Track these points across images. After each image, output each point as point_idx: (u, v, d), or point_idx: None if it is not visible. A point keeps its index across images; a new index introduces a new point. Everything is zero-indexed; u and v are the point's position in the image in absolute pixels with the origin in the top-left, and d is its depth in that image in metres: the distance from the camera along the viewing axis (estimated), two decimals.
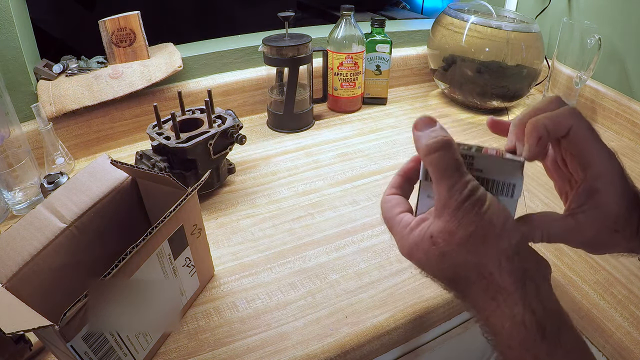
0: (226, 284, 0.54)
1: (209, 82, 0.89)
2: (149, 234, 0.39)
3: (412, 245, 0.29)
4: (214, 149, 0.64)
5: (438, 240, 0.27)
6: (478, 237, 0.26)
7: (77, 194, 0.46)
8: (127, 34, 0.80)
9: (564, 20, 0.92)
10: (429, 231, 0.28)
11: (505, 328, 0.26)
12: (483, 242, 0.26)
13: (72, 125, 0.77)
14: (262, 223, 0.64)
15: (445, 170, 0.27)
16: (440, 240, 0.27)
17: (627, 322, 0.50)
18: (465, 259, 0.27)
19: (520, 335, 0.25)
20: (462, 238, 0.27)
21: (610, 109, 0.91)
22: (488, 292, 0.27)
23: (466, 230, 0.26)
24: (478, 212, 0.26)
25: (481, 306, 0.27)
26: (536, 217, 0.30)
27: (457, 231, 0.27)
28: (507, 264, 0.26)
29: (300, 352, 0.46)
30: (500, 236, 0.27)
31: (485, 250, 0.26)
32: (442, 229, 0.27)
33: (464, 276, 0.28)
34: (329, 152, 0.82)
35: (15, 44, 0.71)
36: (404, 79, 1.12)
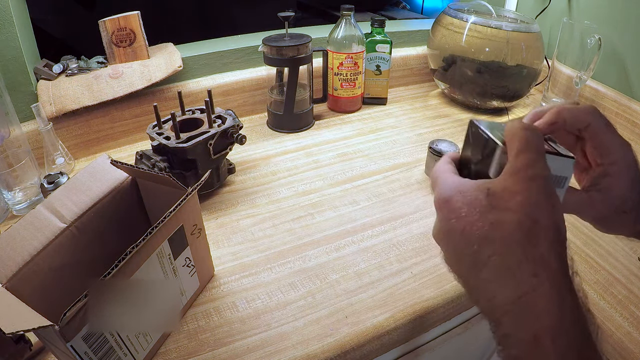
0: (226, 284, 0.54)
1: (209, 82, 0.89)
2: (149, 234, 0.39)
3: (456, 190, 0.28)
4: (214, 149, 0.64)
5: (496, 194, 0.26)
6: (541, 207, 0.25)
7: (77, 194, 0.46)
8: (127, 34, 0.80)
9: (564, 20, 0.92)
10: (487, 185, 0.27)
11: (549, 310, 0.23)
12: (544, 216, 0.25)
13: (72, 125, 0.77)
14: (262, 223, 0.64)
15: (533, 145, 0.27)
16: (497, 195, 0.26)
17: (627, 322, 0.50)
18: (518, 219, 0.25)
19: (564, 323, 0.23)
20: (524, 201, 0.25)
21: (610, 109, 0.91)
22: (530, 264, 0.24)
23: (531, 197, 0.25)
24: (550, 193, 0.26)
25: (516, 280, 0.24)
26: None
27: (521, 193, 0.25)
28: (558, 246, 0.25)
29: (300, 352, 0.46)
30: (559, 220, 0.26)
31: (541, 223, 0.25)
32: (504, 187, 0.26)
33: (506, 237, 0.25)
34: (329, 152, 0.82)
35: (15, 44, 0.71)
36: (404, 79, 1.13)
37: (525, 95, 1.00)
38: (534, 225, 0.25)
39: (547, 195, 0.26)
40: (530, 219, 0.25)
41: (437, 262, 0.57)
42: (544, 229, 0.25)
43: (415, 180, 0.73)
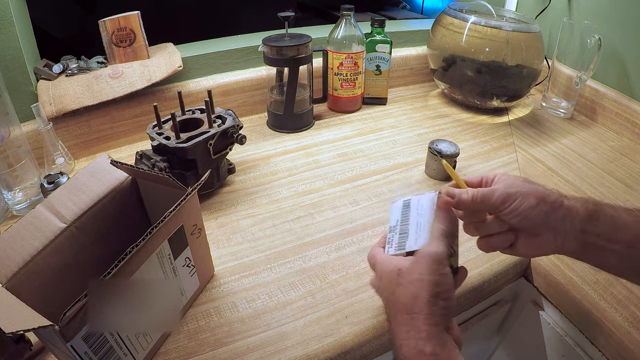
0: (226, 284, 0.54)
1: (209, 82, 0.89)
2: (149, 234, 0.39)
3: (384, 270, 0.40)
4: (214, 149, 0.64)
5: (402, 273, 0.37)
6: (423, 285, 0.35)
7: (77, 193, 0.46)
8: (127, 34, 0.80)
9: (564, 20, 0.92)
10: (399, 264, 0.38)
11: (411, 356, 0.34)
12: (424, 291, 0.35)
13: (72, 125, 0.77)
14: (262, 223, 0.64)
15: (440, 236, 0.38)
16: (403, 274, 0.37)
17: (627, 322, 0.50)
18: (408, 293, 0.36)
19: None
20: (415, 279, 0.36)
21: (610, 109, 0.91)
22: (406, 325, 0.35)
23: (421, 276, 0.36)
24: (434, 270, 0.36)
25: (399, 333, 0.35)
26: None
27: (414, 272, 0.36)
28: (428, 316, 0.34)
29: (300, 352, 0.46)
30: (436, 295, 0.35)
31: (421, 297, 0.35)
32: (408, 267, 0.37)
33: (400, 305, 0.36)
34: (329, 152, 0.82)
35: (15, 44, 0.71)
36: (404, 79, 1.13)
37: (525, 95, 1.00)
38: (415, 300, 0.35)
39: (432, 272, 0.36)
40: (413, 295, 0.35)
41: None
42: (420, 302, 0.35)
43: (415, 181, 0.73)
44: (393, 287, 0.37)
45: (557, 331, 0.60)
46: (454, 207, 0.41)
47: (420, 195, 0.43)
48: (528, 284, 0.62)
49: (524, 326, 0.67)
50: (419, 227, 0.41)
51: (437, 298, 0.35)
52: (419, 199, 0.43)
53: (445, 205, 0.40)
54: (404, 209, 0.44)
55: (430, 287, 0.35)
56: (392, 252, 0.41)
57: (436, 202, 0.41)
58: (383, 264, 0.40)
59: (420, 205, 0.43)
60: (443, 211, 0.40)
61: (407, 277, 0.36)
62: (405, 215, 0.43)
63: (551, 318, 0.61)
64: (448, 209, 0.40)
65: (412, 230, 0.41)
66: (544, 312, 0.62)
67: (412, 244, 0.40)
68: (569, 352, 0.59)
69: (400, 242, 0.41)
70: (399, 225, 0.43)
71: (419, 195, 0.43)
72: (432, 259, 0.36)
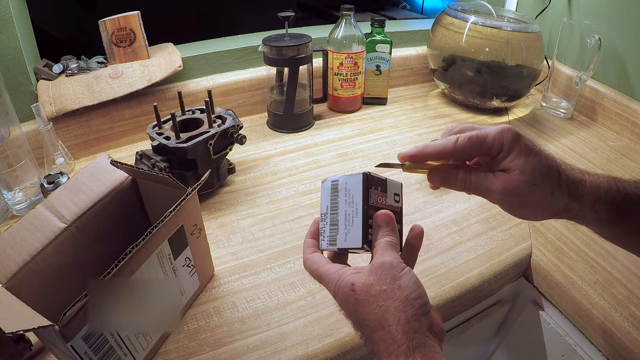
0: (226, 284, 0.54)
1: (209, 82, 0.89)
2: (149, 234, 0.39)
3: (336, 288, 0.35)
4: (214, 149, 0.64)
5: (357, 289, 0.33)
6: (389, 295, 0.32)
7: (77, 193, 0.46)
8: (127, 34, 0.80)
9: (564, 20, 0.92)
10: (351, 279, 0.34)
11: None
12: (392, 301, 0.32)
13: (72, 125, 0.77)
14: (262, 223, 0.64)
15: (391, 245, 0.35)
16: (358, 290, 0.33)
17: (627, 322, 0.50)
18: (373, 310, 0.32)
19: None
20: (377, 292, 0.32)
21: (610, 109, 0.91)
22: (385, 342, 0.31)
23: (381, 287, 0.32)
24: (394, 276, 0.32)
25: (378, 351, 0.32)
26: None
27: (374, 285, 0.32)
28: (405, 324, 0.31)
29: (300, 352, 0.46)
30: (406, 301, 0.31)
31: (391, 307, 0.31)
32: (364, 281, 0.33)
33: (370, 323, 0.32)
34: (329, 152, 0.82)
35: (15, 44, 0.71)
36: (404, 79, 1.13)
37: (525, 95, 1.00)
38: (385, 312, 0.31)
39: (393, 278, 0.32)
40: (382, 308, 0.32)
41: (436, 263, 0.57)
42: (392, 313, 0.31)
43: (415, 181, 0.73)
44: (352, 306, 0.33)
45: (557, 331, 0.60)
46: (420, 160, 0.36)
47: (348, 176, 0.37)
48: (528, 284, 0.63)
49: (524, 326, 0.67)
50: (348, 219, 0.36)
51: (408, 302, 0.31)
52: (346, 182, 0.37)
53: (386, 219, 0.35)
54: (333, 192, 0.38)
55: (397, 294, 0.32)
56: (324, 246, 0.38)
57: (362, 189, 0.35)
58: (330, 279, 0.35)
59: (348, 191, 0.37)
60: (385, 227, 0.35)
61: (368, 293, 0.32)
62: (334, 202, 0.37)
63: (551, 318, 0.61)
64: (389, 222, 0.35)
65: (342, 221, 0.36)
66: (544, 312, 0.62)
67: (342, 241, 0.36)
68: (569, 352, 0.59)
69: (332, 236, 0.37)
70: (329, 214, 0.38)
71: (346, 177, 0.37)
72: (388, 266, 0.33)
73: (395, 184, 0.38)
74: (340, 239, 0.37)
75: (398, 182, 0.38)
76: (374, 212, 0.36)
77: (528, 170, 0.34)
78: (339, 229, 0.37)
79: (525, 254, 0.60)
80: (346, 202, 0.36)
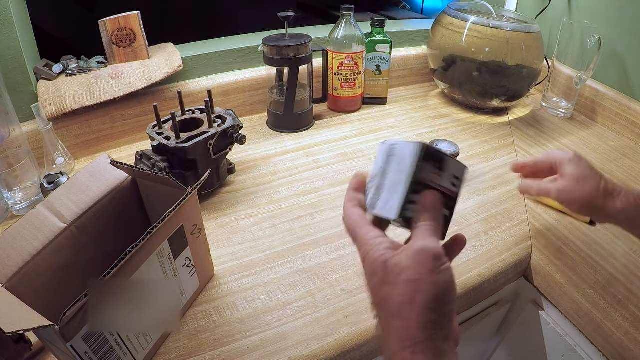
0: (226, 284, 0.54)
1: (209, 82, 0.89)
2: (149, 234, 0.39)
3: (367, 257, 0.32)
4: (214, 149, 0.64)
5: (388, 268, 0.31)
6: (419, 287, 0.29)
7: (77, 194, 0.46)
8: (127, 34, 0.80)
9: (564, 20, 0.92)
10: (385, 256, 0.31)
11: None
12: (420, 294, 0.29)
13: (72, 125, 0.77)
14: (262, 223, 0.64)
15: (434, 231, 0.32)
16: (389, 269, 0.30)
17: (627, 322, 0.50)
18: (399, 295, 0.30)
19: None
20: (408, 280, 0.30)
21: (610, 109, 0.91)
22: (400, 331, 0.29)
23: (414, 275, 0.29)
24: (432, 269, 0.30)
25: (391, 342, 0.30)
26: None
27: (406, 271, 0.30)
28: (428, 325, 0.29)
29: (300, 352, 0.46)
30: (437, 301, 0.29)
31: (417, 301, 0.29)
32: (398, 262, 0.30)
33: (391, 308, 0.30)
34: (328, 152, 0.82)
35: (15, 44, 0.71)
36: (404, 79, 1.13)
37: (525, 95, 1.00)
38: (411, 303, 0.29)
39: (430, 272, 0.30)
40: (408, 297, 0.29)
41: None
42: (417, 307, 0.29)
43: None
44: (377, 283, 0.31)
45: (557, 331, 0.60)
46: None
47: (406, 143, 0.34)
48: (528, 284, 0.63)
49: (524, 326, 0.67)
50: (392, 187, 0.33)
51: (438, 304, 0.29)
52: (403, 148, 0.34)
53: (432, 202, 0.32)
54: (388, 156, 0.35)
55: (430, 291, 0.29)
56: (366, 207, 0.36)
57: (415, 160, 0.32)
58: (364, 244, 0.33)
59: (401, 158, 0.33)
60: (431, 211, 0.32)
61: (399, 276, 0.30)
62: (386, 166, 0.35)
63: (551, 318, 0.61)
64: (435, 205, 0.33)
65: (386, 188, 0.34)
66: (544, 312, 0.62)
67: (380, 208, 0.34)
68: (569, 352, 0.59)
69: (373, 199, 0.35)
70: (378, 177, 0.35)
71: (405, 143, 0.34)
72: (428, 255, 0.30)
73: (458, 166, 0.34)
74: (379, 205, 0.34)
75: (463, 164, 0.34)
76: (422, 189, 0.33)
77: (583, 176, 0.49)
78: (381, 194, 0.34)
79: (525, 254, 0.60)
80: (396, 170, 0.34)
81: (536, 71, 0.94)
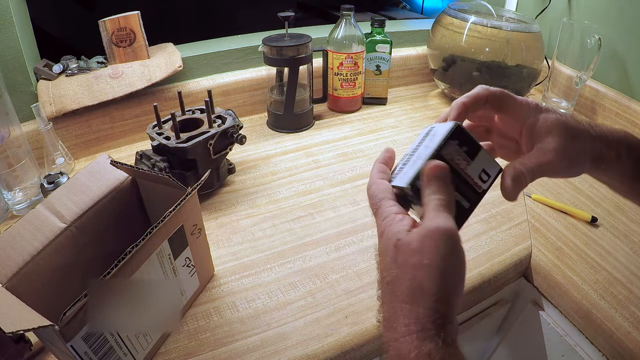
0: (226, 284, 0.54)
1: (209, 82, 0.89)
2: (149, 234, 0.39)
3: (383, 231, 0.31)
4: (214, 149, 0.64)
5: (400, 248, 0.29)
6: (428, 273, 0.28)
7: (77, 193, 0.46)
8: (127, 34, 0.80)
9: (564, 20, 0.92)
10: (399, 233, 0.30)
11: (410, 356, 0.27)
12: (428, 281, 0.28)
13: (72, 125, 0.77)
14: (262, 223, 0.64)
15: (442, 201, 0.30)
16: (401, 250, 0.29)
17: (627, 322, 0.50)
18: (406, 278, 0.29)
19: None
20: (417, 263, 0.28)
21: (610, 109, 0.91)
22: (407, 318, 0.28)
23: (423, 259, 0.28)
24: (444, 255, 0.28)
25: (395, 326, 0.28)
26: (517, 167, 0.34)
27: (416, 254, 0.28)
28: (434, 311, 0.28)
29: (300, 352, 0.46)
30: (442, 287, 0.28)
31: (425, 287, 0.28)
32: (409, 242, 0.29)
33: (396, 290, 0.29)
34: (328, 152, 0.82)
35: (15, 44, 0.71)
36: (404, 79, 1.13)
37: (525, 95, 1.00)
38: (418, 288, 0.28)
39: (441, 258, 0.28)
40: (416, 282, 0.28)
41: None
42: (425, 293, 0.28)
43: None
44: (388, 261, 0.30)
45: (557, 331, 0.60)
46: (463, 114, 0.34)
47: (443, 124, 0.34)
48: (528, 284, 0.63)
49: (524, 326, 0.67)
50: (416, 160, 0.32)
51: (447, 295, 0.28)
52: (438, 128, 0.34)
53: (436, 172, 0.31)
54: (424, 136, 0.35)
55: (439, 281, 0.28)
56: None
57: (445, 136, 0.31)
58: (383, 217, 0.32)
59: (433, 136, 0.33)
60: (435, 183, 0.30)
61: (408, 259, 0.29)
62: (419, 144, 0.34)
63: (551, 318, 0.61)
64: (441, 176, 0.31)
65: (411, 161, 0.33)
66: (544, 312, 0.62)
67: (397, 178, 0.33)
68: (569, 352, 0.59)
69: (397, 171, 0.34)
70: (409, 154, 0.35)
71: (441, 124, 0.34)
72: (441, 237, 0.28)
73: (492, 163, 0.33)
74: (397, 176, 0.34)
75: (498, 164, 0.33)
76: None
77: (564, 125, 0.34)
78: (405, 166, 0.33)
79: (525, 254, 0.60)
80: (425, 145, 0.33)
81: (536, 71, 0.94)
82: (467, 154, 0.32)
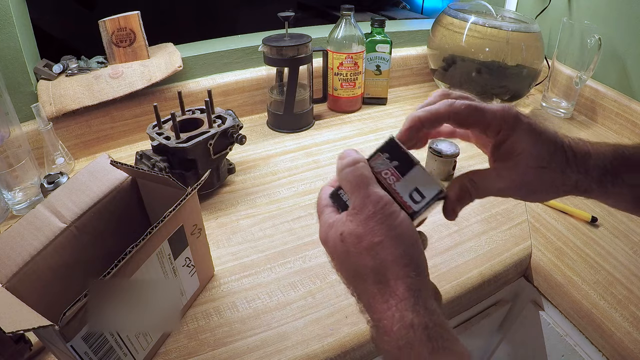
0: (226, 284, 0.54)
1: (209, 82, 0.89)
2: (149, 233, 0.39)
3: (325, 234, 0.31)
4: (214, 149, 0.64)
5: (347, 240, 0.29)
6: (384, 247, 0.28)
7: (77, 193, 0.46)
8: (127, 34, 0.80)
9: (564, 20, 0.92)
10: (340, 229, 0.30)
11: (394, 330, 0.27)
12: (387, 253, 0.28)
13: (72, 125, 0.77)
14: (262, 223, 0.64)
15: (357, 183, 0.30)
16: (348, 241, 0.29)
17: (627, 322, 0.50)
18: (367, 262, 0.29)
19: (408, 335, 0.27)
20: (369, 244, 0.29)
21: (610, 109, 0.91)
22: (383, 296, 0.28)
23: (373, 239, 0.28)
24: (390, 225, 0.28)
25: (374, 307, 0.29)
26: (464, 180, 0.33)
27: (364, 237, 0.29)
28: (405, 278, 0.28)
29: (300, 352, 0.46)
30: (404, 253, 0.28)
31: (387, 260, 0.28)
32: (352, 231, 0.29)
33: (363, 277, 0.29)
34: (329, 152, 0.82)
35: (15, 44, 0.71)
36: (404, 79, 1.13)
37: (525, 95, 1.00)
38: (381, 264, 0.28)
39: (388, 228, 0.28)
40: (377, 260, 0.28)
41: (437, 262, 0.57)
42: (390, 265, 0.28)
43: None
44: (343, 257, 0.30)
45: (557, 331, 0.60)
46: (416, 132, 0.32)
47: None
48: (528, 284, 0.63)
49: (524, 326, 0.67)
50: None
51: (410, 258, 0.28)
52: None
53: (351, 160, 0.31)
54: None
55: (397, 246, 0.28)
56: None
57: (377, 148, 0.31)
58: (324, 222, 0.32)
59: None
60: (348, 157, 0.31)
61: (359, 245, 0.29)
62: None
63: (551, 318, 0.61)
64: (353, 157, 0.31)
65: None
66: (544, 312, 0.62)
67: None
68: (569, 352, 0.59)
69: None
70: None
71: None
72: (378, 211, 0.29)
73: (430, 183, 0.30)
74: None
75: (439, 187, 0.30)
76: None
77: (534, 153, 0.31)
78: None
79: (525, 254, 0.60)
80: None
81: (536, 71, 0.94)
82: (396, 169, 0.31)
